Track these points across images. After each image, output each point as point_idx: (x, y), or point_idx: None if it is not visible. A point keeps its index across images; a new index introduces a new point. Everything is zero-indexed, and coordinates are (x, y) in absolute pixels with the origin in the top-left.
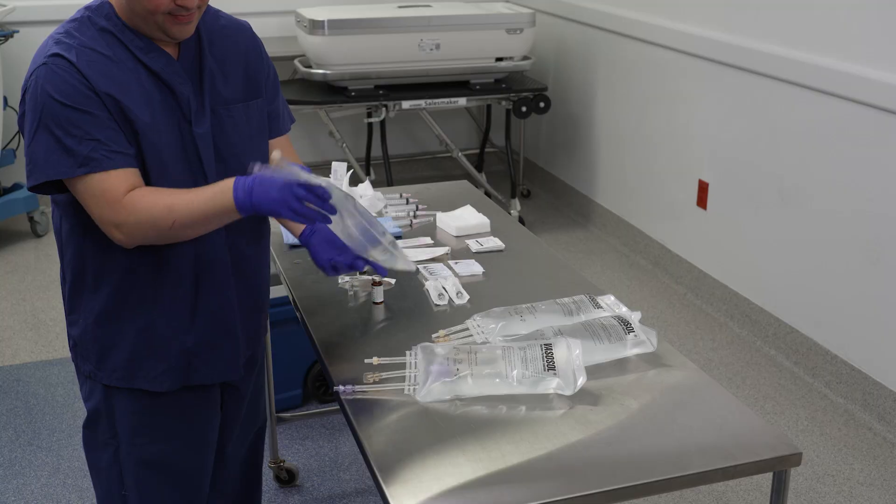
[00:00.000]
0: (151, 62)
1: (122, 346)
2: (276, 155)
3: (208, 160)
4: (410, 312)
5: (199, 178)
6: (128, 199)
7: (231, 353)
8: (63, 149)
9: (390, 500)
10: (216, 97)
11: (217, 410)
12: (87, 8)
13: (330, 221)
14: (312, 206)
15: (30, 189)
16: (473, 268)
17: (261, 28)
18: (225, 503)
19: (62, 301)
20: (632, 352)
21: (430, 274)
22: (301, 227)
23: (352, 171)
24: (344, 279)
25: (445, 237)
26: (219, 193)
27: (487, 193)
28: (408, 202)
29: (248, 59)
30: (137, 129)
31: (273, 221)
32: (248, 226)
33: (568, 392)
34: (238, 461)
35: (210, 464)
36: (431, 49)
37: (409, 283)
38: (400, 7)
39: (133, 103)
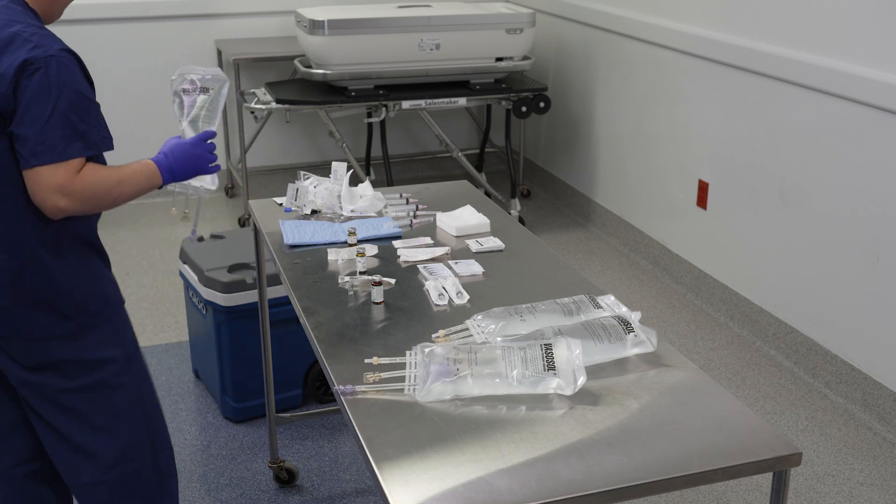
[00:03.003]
0: None
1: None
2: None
3: None
4: (410, 312)
5: None
6: (82, 171)
7: None
8: (77, 134)
9: (390, 500)
10: None
11: None
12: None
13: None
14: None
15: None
16: (473, 268)
17: (261, 28)
18: None
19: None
20: (632, 352)
21: (430, 274)
22: None
23: (352, 171)
24: (344, 279)
25: (445, 237)
26: (150, 175)
27: (487, 193)
28: (408, 202)
29: None
30: None
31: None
32: None
33: (568, 392)
34: None
35: None
36: (431, 49)
37: (409, 283)
38: (400, 7)
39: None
